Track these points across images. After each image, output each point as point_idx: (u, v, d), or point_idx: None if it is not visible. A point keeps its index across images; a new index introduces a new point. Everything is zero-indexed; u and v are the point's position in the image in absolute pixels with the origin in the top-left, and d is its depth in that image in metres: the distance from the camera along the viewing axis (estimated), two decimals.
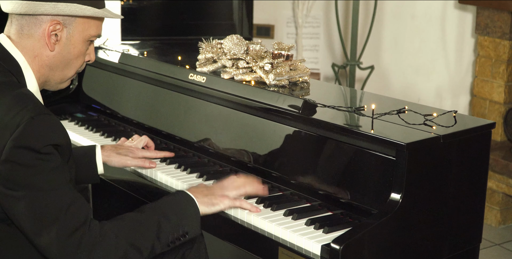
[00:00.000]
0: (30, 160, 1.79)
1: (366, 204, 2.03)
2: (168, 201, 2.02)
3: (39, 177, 1.80)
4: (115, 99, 3.01)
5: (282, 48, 2.53)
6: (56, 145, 1.83)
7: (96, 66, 3.09)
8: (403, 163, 1.93)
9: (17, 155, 1.79)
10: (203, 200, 2.06)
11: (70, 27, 1.99)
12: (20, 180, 1.80)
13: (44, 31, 1.96)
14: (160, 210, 1.98)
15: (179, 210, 2.00)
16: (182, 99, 2.65)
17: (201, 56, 2.65)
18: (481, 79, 4.43)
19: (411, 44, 4.98)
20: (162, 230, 1.94)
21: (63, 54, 2.01)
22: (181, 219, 1.99)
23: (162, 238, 1.94)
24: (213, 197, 2.08)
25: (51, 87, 2.08)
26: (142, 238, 1.91)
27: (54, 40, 1.98)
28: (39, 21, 1.96)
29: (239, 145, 2.41)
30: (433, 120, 2.13)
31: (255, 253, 2.09)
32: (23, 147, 1.78)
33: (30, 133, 1.79)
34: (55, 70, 2.03)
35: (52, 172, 1.81)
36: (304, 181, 2.20)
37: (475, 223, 2.21)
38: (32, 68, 1.99)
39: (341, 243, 1.84)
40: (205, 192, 2.10)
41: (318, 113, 2.20)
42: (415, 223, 2.01)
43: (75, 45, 2.02)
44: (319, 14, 5.22)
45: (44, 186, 1.80)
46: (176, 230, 1.97)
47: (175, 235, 1.98)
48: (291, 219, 2.08)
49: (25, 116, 1.79)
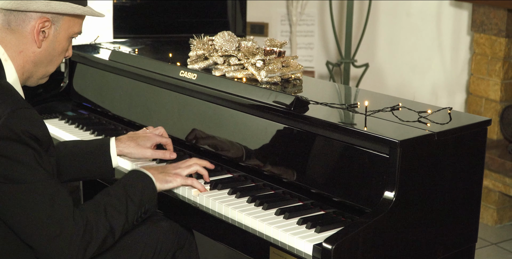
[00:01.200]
0: (11, 151, 1.81)
1: (359, 203, 1.99)
2: (129, 182, 2.10)
3: (21, 169, 1.82)
4: (106, 97, 2.97)
5: (275, 45, 2.49)
6: (35, 137, 1.85)
7: (87, 63, 3.05)
8: (397, 160, 1.89)
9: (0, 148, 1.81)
10: (158, 177, 2.17)
11: (57, 25, 2.02)
12: (3, 172, 1.81)
13: (33, 28, 1.98)
14: (125, 192, 2.05)
15: (140, 189, 2.09)
16: (173, 97, 2.60)
17: (192, 53, 2.61)
18: (477, 77, 4.40)
19: (406, 41, 4.94)
20: (129, 211, 2.04)
21: (48, 50, 2.04)
22: (143, 198, 2.08)
23: (129, 218, 2.04)
24: (166, 174, 2.19)
25: (32, 83, 2.11)
26: (115, 222, 1.98)
27: (42, 37, 2.00)
28: (28, 18, 1.98)
29: (231, 143, 2.37)
30: (428, 117, 2.09)
31: (246, 253, 2.05)
32: (3, 138, 1.80)
33: (11, 126, 1.81)
34: (39, 66, 2.05)
35: (34, 164, 1.84)
36: (296, 179, 2.16)
37: (471, 222, 2.17)
38: (15, 63, 2.00)
39: (333, 242, 1.80)
40: (160, 170, 2.20)
41: (310, 110, 2.16)
42: (409, 222, 1.97)
43: (60, 42, 2.06)
44: (313, 12, 5.18)
45: (27, 178, 1.83)
46: (139, 208, 2.07)
47: (138, 214, 2.07)
48: (282, 218, 2.04)
49: (6, 110, 1.82)
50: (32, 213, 1.83)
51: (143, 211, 2.08)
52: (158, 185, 2.16)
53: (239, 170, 2.35)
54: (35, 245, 1.87)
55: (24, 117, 1.84)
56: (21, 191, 1.83)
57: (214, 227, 2.15)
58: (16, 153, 1.82)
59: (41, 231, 1.84)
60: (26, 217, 1.83)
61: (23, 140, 1.82)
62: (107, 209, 1.98)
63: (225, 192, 2.22)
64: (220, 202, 2.14)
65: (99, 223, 1.93)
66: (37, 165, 1.84)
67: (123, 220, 2.00)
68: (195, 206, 2.19)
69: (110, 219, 1.96)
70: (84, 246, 1.88)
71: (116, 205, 2.00)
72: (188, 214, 2.23)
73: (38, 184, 1.84)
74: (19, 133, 1.81)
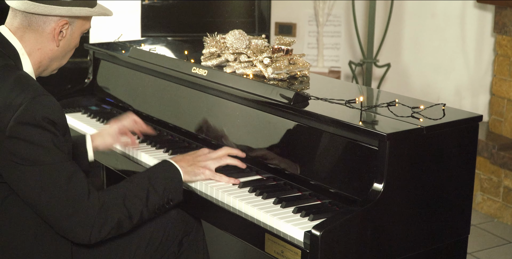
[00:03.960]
0: (31, 135, 1.95)
1: (352, 194, 2.09)
2: (156, 171, 2.22)
3: (40, 151, 1.96)
4: (126, 92, 3.11)
5: (283, 43, 2.60)
6: (53, 122, 1.98)
7: (110, 60, 3.19)
8: (385, 153, 1.98)
9: (19, 131, 1.95)
10: (187, 169, 2.27)
11: (73, 25, 2.19)
12: (25, 154, 1.96)
13: (53, 30, 2.14)
14: (148, 180, 2.16)
15: (165, 179, 2.20)
16: (185, 92, 2.73)
17: (205, 50, 2.74)
18: (499, 78, 4.44)
19: (430, 42, 5.00)
20: (150, 199, 2.13)
21: (64, 47, 2.21)
22: (167, 188, 2.18)
23: (150, 205, 2.13)
24: (195, 167, 2.30)
25: (45, 74, 2.27)
26: (133, 207, 2.09)
27: (61, 36, 2.17)
28: (48, 20, 2.14)
29: (237, 137, 2.48)
30: (423, 113, 2.17)
31: (244, 239, 2.15)
32: (25, 124, 1.95)
33: (31, 111, 1.96)
34: (54, 61, 2.22)
35: (52, 146, 1.98)
36: (296, 171, 2.26)
37: (463, 215, 2.24)
38: (32, 58, 2.15)
39: (321, 229, 1.89)
40: (190, 161, 2.31)
41: (310, 105, 2.26)
42: (398, 212, 2.05)
43: (74, 39, 2.23)
44: (340, 12, 5.27)
45: (46, 160, 1.97)
46: (162, 198, 2.17)
47: (161, 203, 2.16)
48: (279, 207, 2.14)
49: (27, 96, 1.97)
50: (50, 193, 1.97)
51: (166, 200, 2.18)
52: (186, 177, 2.27)
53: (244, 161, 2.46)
54: (52, 223, 2.01)
55: (43, 103, 1.98)
56: (40, 172, 1.97)
57: (217, 215, 2.27)
58: (35, 136, 1.96)
59: (57, 210, 1.98)
60: (44, 197, 1.97)
61: (42, 125, 1.96)
62: (126, 194, 2.09)
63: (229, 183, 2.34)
64: (223, 192, 2.26)
65: (116, 206, 2.05)
66: (54, 148, 1.98)
67: (142, 206, 2.11)
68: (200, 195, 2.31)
69: (127, 203, 2.07)
70: (99, 226, 2.01)
71: (136, 191, 2.11)
72: (194, 203, 2.34)
73: (55, 165, 1.98)
74: (39, 118, 1.96)
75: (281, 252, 2.01)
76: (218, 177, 2.33)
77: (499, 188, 4.34)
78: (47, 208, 1.98)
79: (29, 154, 1.96)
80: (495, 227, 4.28)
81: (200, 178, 2.31)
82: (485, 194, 4.45)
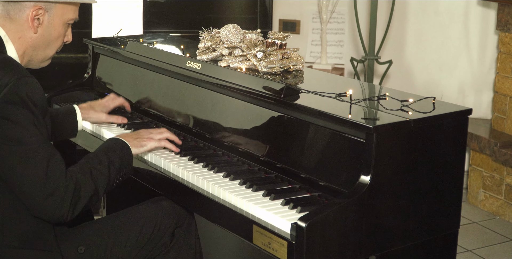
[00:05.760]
0: (15, 114, 2.01)
1: (340, 186, 2.09)
2: (109, 148, 2.32)
3: (22, 131, 2.01)
4: (124, 86, 3.13)
5: (277, 38, 2.61)
6: (35, 103, 2.04)
7: (108, 55, 3.21)
8: (372, 145, 1.98)
9: (4, 111, 2.01)
10: (134, 142, 2.40)
11: (50, 12, 2.22)
12: (6, 133, 2.01)
13: (28, 16, 2.18)
14: (106, 156, 2.25)
15: (119, 154, 2.31)
16: (180, 85, 2.75)
17: (201, 44, 2.75)
18: (502, 75, 4.43)
19: (434, 40, 4.99)
20: (111, 173, 2.24)
21: (45, 36, 2.24)
22: (122, 163, 2.30)
23: (111, 179, 2.25)
24: (141, 139, 2.44)
25: (34, 66, 2.31)
26: (100, 183, 2.17)
27: (37, 23, 2.21)
28: (23, 7, 2.18)
29: (229, 130, 2.50)
30: (413, 106, 2.17)
31: (233, 231, 2.16)
32: (10, 102, 2.00)
33: (16, 91, 2.01)
34: (37, 50, 2.25)
35: (33, 127, 2.03)
36: (286, 164, 2.27)
37: (453, 208, 2.24)
38: (16, 47, 2.20)
39: (307, 221, 1.90)
40: (134, 136, 2.45)
41: (300, 99, 2.27)
42: (385, 205, 2.05)
43: (55, 28, 2.25)
44: (344, 10, 5.27)
45: (26, 140, 2.02)
46: (119, 172, 2.26)
47: (118, 177, 2.26)
48: (268, 199, 2.15)
49: (13, 77, 2.02)
50: (30, 173, 2.01)
51: (121, 174, 2.28)
52: (134, 150, 2.39)
53: (238, 155, 2.47)
54: (31, 203, 2.04)
55: (28, 84, 2.04)
56: (20, 152, 2.01)
57: (208, 208, 2.28)
58: (18, 116, 2.01)
59: (37, 189, 2.02)
60: (24, 177, 2.02)
61: (26, 105, 2.02)
62: (92, 171, 2.17)
63: (220, 175, 2.35)
64: (213, 184, 2.27)
65: (86, 183, 2.13)
66: (35, 129, 2.03)
67: (106, 181, 2.21)
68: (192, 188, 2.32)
69: (95, 180, 2.16)
70: (74, 204, 2.07)
71: (99, 168, 2.20)
72: (186, 195, 2.36)
73: (35, 146, 2.03)
74: (24, 97, 2.02)
75: (268, 243, 2.02)
76: (164, 143, 2.48)
77: (501, 185, 4.33)
78: (27, 188, 2.02)
79: (11, 133, 2.01)
80: (497, 225, 4.27)
81: (147, 148, 2.44)
82: (487, 192, 4.44)
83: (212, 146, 2.59)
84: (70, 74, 4.05)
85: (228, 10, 4.36)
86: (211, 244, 3.02)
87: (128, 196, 3.22)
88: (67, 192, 2.05)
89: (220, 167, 2.39)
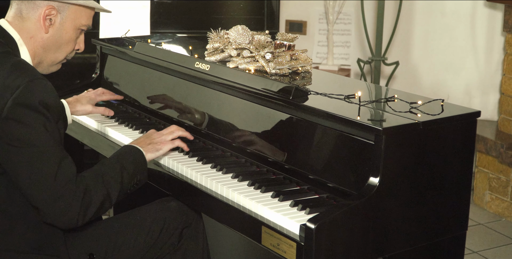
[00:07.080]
0: (25, 117, 2.01)
1: (349, 188, 2.10)
2: (122, 155, 2.31)
3: (32, 133, 2.01)
4: (132, 87, 3.14)
5: (286, 39, 2.61)
6: (48, 105, 2.04)
7: (116, 55, 3.22)
8: (381, 147, 1.99)
9: (15, 112, 2.01)
10: (148, 148, 2.39)
11: (63, 14, 2.23)
12: (17, 135, 2.01)
13: (40, 15, 2.19)
14: (119, 163, 2.24)
15: (132, 161, 2.29)
16: (188, 86, 2.76)
17: (209, 45, 2.76)
18: (508, 77, 4.43)
19: (440, 41, 4.99)
20: (124, 179, 2.21)
21: (56, 37, 2.24)
22: (135, 169, 2.28)
23: (124, 186, 2.21)
24: (155, 144, 2.42)
25: (44, 69, 2.30)
26: (112, 188, 2.16)
27: (49, 23, 2.21)
28: (36, 6, 2.19)
29: (238, 131, 2.50)
30: (421, 108, 2.18)
31: (242, 232, 2.17)
32: (21, 105, 2.01)
33: (28, 93, 2.02)
34: (48, 52, 2.25)
35: (43, 130, 2.03)
36: (295, 165, 2.28)
37: (461, 210, 2.25)
38: (28, 47, 2.21)
39: (316, 222, 1.91)
40: (147, 141, 2.43)
41: (309, 100, 2.28)
42: (394, 207, 2.06)
43: (67, 31, 2.26)
44: (350, 11, 5.27)
45: (36, 142, 2.01)
46: (132, 179, 2.25)
47: (132, 183, 2.24)
48: (277, 201, 2.15)
49: (25, 79, 2.03)
50: (38, 175, 2.01)
51: (135, 181, 2.26)
52: (150, 155, 2.39)
53: (245, 155, 2.48)
54: (40, 205, 2.03)
55: (40, 86, 2.04)
56: (30, 154, 2.01)
57: (216, 208, 2.28)
58: (29, 118, 2.01)
59: (45, 192, 2.01)
60: (34, 179, 2.01)
61: (36, 108, 2.02)
62: (104, 177, 2.16)
63: (229, 176, 2.36)
64: (222, 185, 2.28)
65: (97, 189, 2.12)
66: (45, 131, 2.03)
67: (119, 187, 2.19)
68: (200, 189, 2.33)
69: (107, 185, 2.15)
70: (84, 208, 2.06)
71: (111, 174, 2.19)
72: (195, 196, 2.37)
73: (45, 148, 2.03)
74: (35, 100, 2.02)
75: (277, 244, 2.03)
76: (177, 142, 2.49)
77: (507, 187, 4.33)
78: (36, 191, 2.02)
79: (21, 135, 2.01)
80: (503, 226, 4.27)
81: (163, 151, 2.43)
82: (493, 193, 4.44)
83: (221, 147, 2.59)
84: (78, 74, 4.06)
85: (235, 10, 4.36)
86: (218, 245, 3.03)
87: (136, 196, 3.22)
88: (76, 196, 2.04)
89: (229, 168, 2.40)
